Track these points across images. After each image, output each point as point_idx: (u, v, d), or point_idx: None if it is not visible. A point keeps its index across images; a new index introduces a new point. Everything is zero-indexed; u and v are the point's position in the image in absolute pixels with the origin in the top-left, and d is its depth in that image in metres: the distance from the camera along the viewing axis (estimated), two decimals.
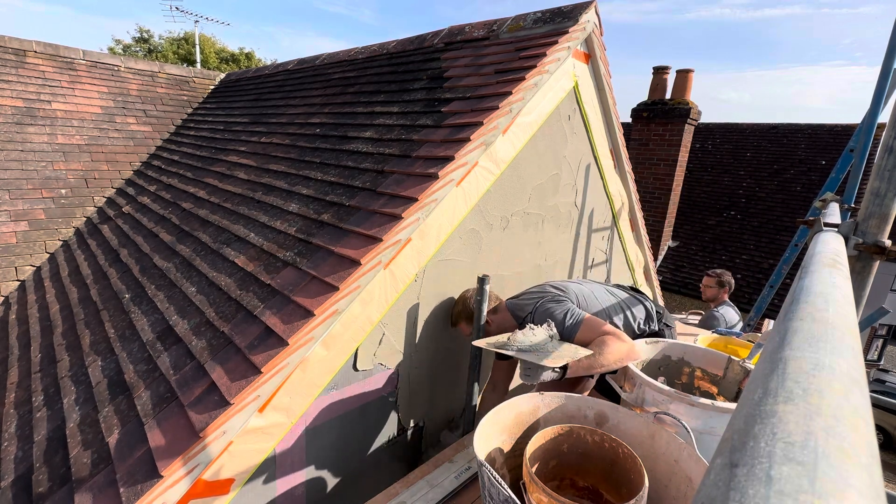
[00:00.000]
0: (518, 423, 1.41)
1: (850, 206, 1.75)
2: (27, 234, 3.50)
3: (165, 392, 1.55)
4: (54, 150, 4.02)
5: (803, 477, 0.20)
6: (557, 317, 1.78)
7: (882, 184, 1.00)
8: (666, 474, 1.27)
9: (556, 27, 2.36)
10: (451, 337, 2.19)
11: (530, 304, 1.91)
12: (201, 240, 2.42)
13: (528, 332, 1.61)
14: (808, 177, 8.90)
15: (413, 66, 2.97)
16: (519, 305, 1.97)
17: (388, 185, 1.95)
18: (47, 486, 1.43)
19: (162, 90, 5.15)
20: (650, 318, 2.07)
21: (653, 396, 1.49)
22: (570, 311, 1.80)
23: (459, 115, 2.14)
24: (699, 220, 9.26)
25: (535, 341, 1.58)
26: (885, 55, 1.70)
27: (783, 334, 0.35)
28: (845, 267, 0.64)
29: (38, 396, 1.93)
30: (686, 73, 6.90)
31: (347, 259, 1.68)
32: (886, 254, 1.04)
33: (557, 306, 1.83)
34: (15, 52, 4.32)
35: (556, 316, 1.78)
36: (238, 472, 1.44)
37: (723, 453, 0.23)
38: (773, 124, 10.38)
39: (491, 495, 1.12)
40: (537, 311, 1.86)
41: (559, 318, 1.77)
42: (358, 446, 1.90)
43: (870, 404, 0.28)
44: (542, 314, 1.83)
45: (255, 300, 1.74)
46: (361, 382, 1.81)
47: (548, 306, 1.84)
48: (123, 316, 2.16)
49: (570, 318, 1.77)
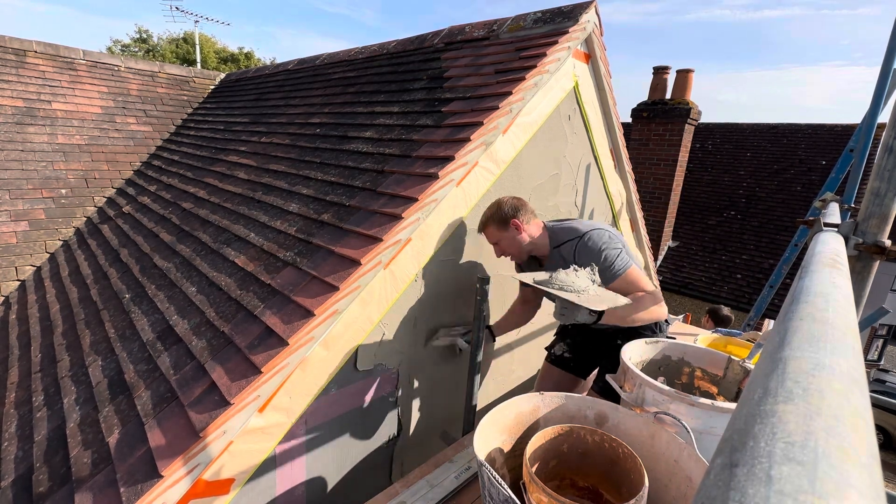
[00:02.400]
0: (518, 423, 1.41)
1: (850, 206, 1.75)
2: (27, 234, 3.50)
3: (165, 392, 1.55)
4: (54, 150, 4.02)
5: (803, 477, 0.20)
6: (609, 255, 1.70)
7: (882, 184, 1.00)
8: (666, 474, 1.27)
9: (556, 27, 2.35)
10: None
11: (574, 234, 1.80)
12: (201, 240, 2.42)
13: (572, 272, 1.59)
14: (808, 177, 8.90)
15: (413, 66, 2.97)
16: (563, 230, 1.86)
17: (389, 185, 1.95)
18: (47, 486, 1.43)
19: (162, 90, 5.15)
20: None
21: (653, 396, 1.49)
22: (620, 256, 1.72)
23: (459, 115, 2.14)
24: (699, 220, 9.26)
25: (578, 283, 1.54)
26: (884, 55, 1.70)
27: (783, 334, 0.35)
28: (845, 267, 0.64)
29: (38, 396, 1.93)
30: (686, 73, 6.90)
31: (347, 259, 1.68)
32: (886, 254, 1.04)
33: (610, 243, 1.74)
34: (15, 52, 4.32)
35: (608, 254, 1.70)
36: (238, 471, 1.44)
37: (723, 453, 0.23)
38: (773, 124, 10.38)
39: (491, 495, 1.12)
40: (588, 243, 1.74)
41: (610, 258, 1.69)
42: (358, 446, 1.90)
43: (870, 404, 0.28)
44: (590, 248, 1.73)
45: (255, 300, 1.74)
46: (361, 382, 1.81)
47: (600, 242, 1.74)
48: (123, 316, 2.16)
49: (619, 261, 1.70)
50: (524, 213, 1.86)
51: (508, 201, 1.86)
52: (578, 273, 1.58)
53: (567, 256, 1.81)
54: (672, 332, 3.10)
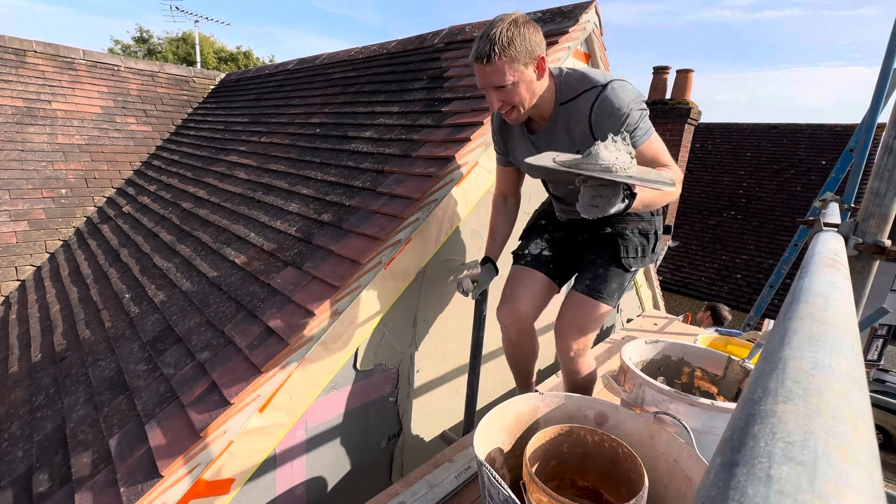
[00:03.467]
0: (518, 423, 1.41)
1: (850, 206, 1.75)
2: (27, 233, 3.50)
3: (165, 392, 1.55)
4: (54, 149, 4.02)
5: (803, 477, 0.20)
6: (635, 116, 1.28)
7: (882, 184, 1.00)
8: (666, 474, 1.27)
9: (556, 27, 2.35)
10: (451, 336, 2.19)
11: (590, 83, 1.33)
12: (201, 239, 2.42)
13: (611, 144, 1.14)
14: (808, 177, 8.91)
15: (413, 65, 2.97)
16: (574, 78, 1.37)
17: (389, 184, 1.95)
18: (48, 486, 1.43)
19: (162, 90, 5.15)
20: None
21: (653, 396, 1.49)
22: (645, 116, 1.32)
23: (460, 114, 2.14)
24: (699, 220, 9.26)
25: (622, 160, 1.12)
26: (884, 55, 1.70)
27: (783, 334, 0.35)
28: (845, 267, 0.64)
29: (38, 396, 1.93)
30: (686, 73, 6.90)
31: (347, 259, 1.68)
32: (886, 254, 1.04)
33: (639, 98, 1.32)
34: (15, 52, 4.32)
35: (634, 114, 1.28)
36: (238, 471, 1.44)
37: (723, 453, 0.23)
38: (772, 124, 10.39)
39: (491, 495, 1.12)
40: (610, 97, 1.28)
41: (635, 119, 1.29)
42: (358, 446, 1.90)
43: (870, 404, 0.28)
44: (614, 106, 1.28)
45: (255, 300, 1.74)
46: (361, 382, 1.81)
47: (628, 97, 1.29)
48: (123, 316, 2.16)
49: (645, 123, 1.31)
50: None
51: (528, 23, 1.26)
52: (618, 145, 1.13)
53: (577, 116, 1.35)
54: (672, 332, 3.10)
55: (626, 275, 1.56)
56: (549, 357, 2.86)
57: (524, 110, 1.35)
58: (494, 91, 1.29)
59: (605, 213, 1.12)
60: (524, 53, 1.23)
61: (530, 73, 1.27)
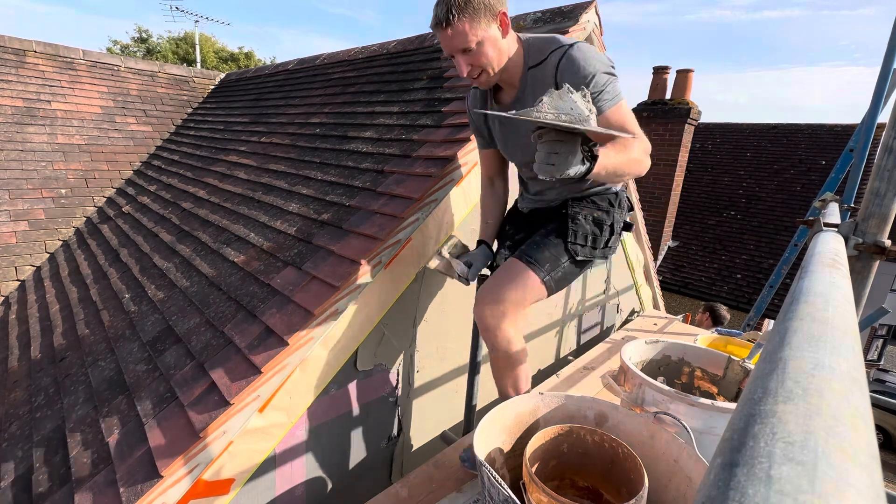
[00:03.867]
0: (518, 422, 1.41)
1: (850, 206, 1.75)
2: (27, 234, 3.50)
3: (165, 392, 1.55)
4: (54, 149, 4.02)
5: (803, 477, 0.20)
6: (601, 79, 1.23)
7: (882, 184, 1.00)
8: (666, 474, 1.27)
9: (556, 27, 2.35)
10: (451, 336, 2.19)
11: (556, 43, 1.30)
12: (201, 239, 2.42)
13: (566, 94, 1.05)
14: (808, 177, 8.91)
15: (413, 65, 2.97)
16: (541, 40, 1.34)
17: (389, 184, 1.95)
18: (47, 486, 1.43)
19: (162, 90, 5.15)
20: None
21: (653, 396, 1.49)
22: (613, 81, 1.26)
23: (460, 114, 2.14)
24: (699, 220, 9.26)
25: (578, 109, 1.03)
26: (884, 55, 1.70)
27: (783, 334, 0.35)
28: (845, 267, 0.64)
29: (37, 396, 1.93)
30: (686, 73, 6.91)
31: (347, 259, 1.68)
32: (886, 254, 1.04)
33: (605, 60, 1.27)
34: (15, 52, 4.32)
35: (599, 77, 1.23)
36: (238, 472, 1.44)
37: (723, 453, 0.23)
38: (772, 124, 10.39)
39: (491, 495, 1.12)
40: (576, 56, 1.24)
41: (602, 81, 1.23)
42: (358, 446, 1.90)
43: (870, 404, 0.28)
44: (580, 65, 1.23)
45: (255, 300, 1.74)
46: (361, 382, 1.81)
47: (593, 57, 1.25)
48: (123, 316, 2.16)
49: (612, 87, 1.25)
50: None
51: None
52: (574, 96, 1.04)
53: (545, 80, 1.31)
54: (672, 332, 3.10)
55: (564, 254, 1.44)
56: (549, 357, 2.86)
57: (493, 72, 1.30)
58: (461, 55, 1.26)
59: (563, 173, 1.05)
60: (483, 10, 1.20)
61: (494, 31, 1.25)
